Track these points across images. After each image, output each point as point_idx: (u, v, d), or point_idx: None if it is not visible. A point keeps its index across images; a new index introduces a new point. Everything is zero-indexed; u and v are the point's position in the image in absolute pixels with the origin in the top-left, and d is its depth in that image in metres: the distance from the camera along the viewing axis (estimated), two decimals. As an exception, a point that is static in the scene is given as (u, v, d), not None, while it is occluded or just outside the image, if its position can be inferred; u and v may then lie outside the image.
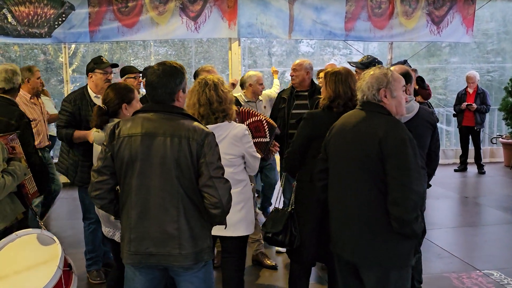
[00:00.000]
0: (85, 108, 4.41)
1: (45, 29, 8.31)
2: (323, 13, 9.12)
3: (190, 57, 13.16)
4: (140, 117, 2.72)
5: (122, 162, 2.67)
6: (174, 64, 2.75)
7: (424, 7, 9.46)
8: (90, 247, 4.65)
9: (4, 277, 2.92)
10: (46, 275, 2.86)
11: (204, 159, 2.61)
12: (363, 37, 9.47)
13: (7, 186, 3.00)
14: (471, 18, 9.65)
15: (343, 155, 2.88)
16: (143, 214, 2.65)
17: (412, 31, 9.52)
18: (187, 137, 2.60)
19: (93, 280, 4.60)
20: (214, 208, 2.63)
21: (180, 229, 2.62)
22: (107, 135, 2.74)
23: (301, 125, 3.51)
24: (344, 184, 2.87)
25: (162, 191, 2.62)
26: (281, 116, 5.21)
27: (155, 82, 2.69)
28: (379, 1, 9.30)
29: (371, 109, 2.84)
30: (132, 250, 2.68)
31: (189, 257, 2.65)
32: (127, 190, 2.69)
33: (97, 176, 2.73)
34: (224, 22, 8.79)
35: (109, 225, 3.38)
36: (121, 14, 8.48)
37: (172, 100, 2.71)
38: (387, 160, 2.66)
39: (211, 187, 2.61)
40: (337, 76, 3.43)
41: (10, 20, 8.18)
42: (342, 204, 2.88)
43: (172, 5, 8.58)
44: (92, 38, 8.52)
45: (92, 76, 4.53)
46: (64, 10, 8.31)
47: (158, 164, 2.61)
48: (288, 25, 9.03)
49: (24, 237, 3.12)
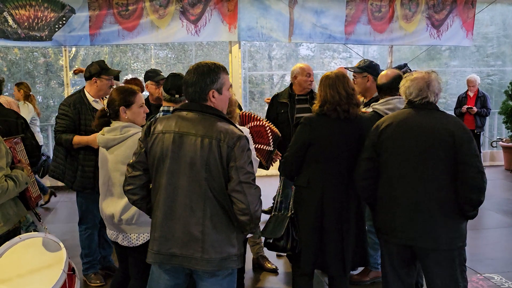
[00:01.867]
0: (84, 112, 4.36)
1: (45, 32, 8.34)
2: (323, 16, 9.16)
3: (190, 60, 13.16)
4: (176, 115, 2.71)
5: (154, 158, 2.66)
6: (209, 64, 2.72)
7: (424, 10, 9.49)
8: (86, 251, 4.64)
9: (7, 280, 2.93)
10: (51, 278, 2.87)
11: (234, 163, 2.55)
12: (363, 41, 9.52)
13: (9, 191, 3.01)
14: (471, 21, 9.68)
15: (412, 149, 3.07)
16: (169, 213, 2.62)
17: (412, 34, 9.56)
18: (218, 139, 2.56)
19: (92, 283, 4.61)
20: (242, 215, 2.57)
21: (204, 233, 2.57)
22: (143, 131, 2.75)
23: (299, 130, 3.51)
24: (414, 174, 3.06)
25: (190, 191, 2.58)
26: (283, 121, 5.17)
27: (187, 80, 2.69)
28: (379, 4, 9.34)
29: (431, 108, 3.15)
30: (155, 249, 2.66)
31: (213, 263, 2.59)
32: (156, 188, 2.68)
33: (131, 171, 2.74)
34: (225, 26, 8.82)
35: (113, 228, 3.39)
36: (122, 18, 8.51)
37: (203, 99, 2.68)
38: (460, 149, 2.99)
39: (239, 193, 2.55)
40: (325, 81, 3.46)
41: (10, 23, 8.20)
42: (412, 193, 3.06)
43: (172, 9, 8.61)
44: (92, 41, 8.55)
45: (97, 80, 4.45)
46: (65, 13, 8.33)
47: (188, 163, 2.58)
48: (288, 29, 9.07)
49: (28, 240, 3.12)
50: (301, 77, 5.19)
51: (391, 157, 3.12)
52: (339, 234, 3.39)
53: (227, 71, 2.80)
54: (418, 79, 3.16)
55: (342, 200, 3.42)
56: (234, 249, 2.66)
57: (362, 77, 4.50)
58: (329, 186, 3.39)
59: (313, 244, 3.44)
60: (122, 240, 3.35)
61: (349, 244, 3.42)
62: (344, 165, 3.41)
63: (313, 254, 3.45)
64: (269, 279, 4.83)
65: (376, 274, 4.72)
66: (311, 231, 3.44)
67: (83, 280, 4.61)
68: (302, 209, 3.53)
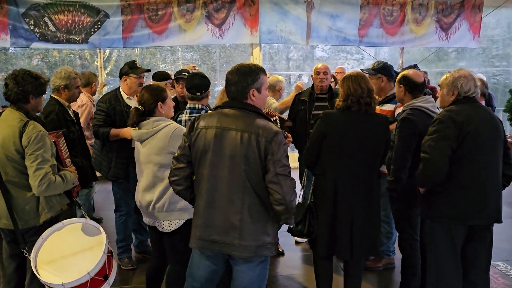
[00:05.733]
0: (119, 108, 4.43)
1: (82, 36, 8.42)
2: (338, 20, 9.12)
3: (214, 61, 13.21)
4: (218, 111, 2.74)
5: (197, 152, 2.70)
6: (250, 65, 2.76)
7: (434, 14, 9.40)
8: (121, 236, 4.72)
9: (52, 261, 2.99)
10: (92, 259, 2.92)
11: (272, 157, 2.57)
12: (375, 43, 9.47)
13: (56, 185, 3.05)
14: (478, 24, 9.56)
15: (489, 139, 3.17)
16: (210, 203, 2.66)
17: (422, 37, 9.48)
18: (256, 134, 2.58)
19: (125, 266, 4.68)
20: (278, 205, 2.59)
21: (242, 221, 2.60)
22: (188, 127, 2.79)
23: (317, 123, 3.52)
24: (493, 160, 3.20)
25: (230, 182, 2.61)
26: (301, 116, 5.19)
27: (230, 79, 2.73)
28: (391, 9, 9.27)
29: (476, 101, 3.28)
30: (197, 235, 2.72)
31: (249, 249, 2.62)
32: (199, 179, 2.72)
33: (175, 163, 2.79)
34: (247, 29, 8.84)
35: (148, 216, 3.43)
36: (152, 22, 8.57)
37: (244, 98, 2.71)
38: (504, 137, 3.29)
39: (276, 184, 2.57)
40: (348, 78, 3.46)
41: (50, 28, 8.30)
42: (494, 177, 3.22)
43: (198, 13, 8.65)
44: (125, 43, 8.63)
45: (126, 79, 4.53)
46: (100, 18, 8.41)
47: (228, 156, 2.61)
48: (305, 32, 9.04)
49: (70, 225, 3.17)
50: (314, 76, 5.27)
51: (476, 145, 3.13)
52: (349, 221, 3.38)
53: (266, 72, 2.84)
54: (469, 77, 3.24)
55: (354, 191, 3.40)
56: (269, 238, 2.69)
57: (377, 78, 4.48)
58: (342, 176, 3.38)
59: (326, 230, 3.44)
60: (158, 226, 3.39)
61: (358, 231, 3.40)
62: (358, 158, 3.39)
63: (326, 239, 3.45)
64: (290, 263, 4.85)
65: (388, 261, 4.72)
66: (325, 217, 3.44)
67: (118, 263, 4.66)
68: (318, 197, 3.54)
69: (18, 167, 3.06)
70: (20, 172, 3.07)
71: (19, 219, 3.12)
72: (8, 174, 3.08)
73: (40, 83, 3.20)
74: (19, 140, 3.03)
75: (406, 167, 3.52)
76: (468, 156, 3.12)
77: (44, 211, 3.16)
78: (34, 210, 3.14)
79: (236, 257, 2.69)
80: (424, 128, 3.49)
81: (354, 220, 3.38)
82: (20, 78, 3.12)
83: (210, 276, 2.86)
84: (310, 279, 4.48)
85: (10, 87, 3.13)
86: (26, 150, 3.02)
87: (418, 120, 3.54)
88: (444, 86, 3.32)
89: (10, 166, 3.07)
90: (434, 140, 3.11)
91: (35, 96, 3.19)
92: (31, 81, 3.15)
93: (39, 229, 3.13)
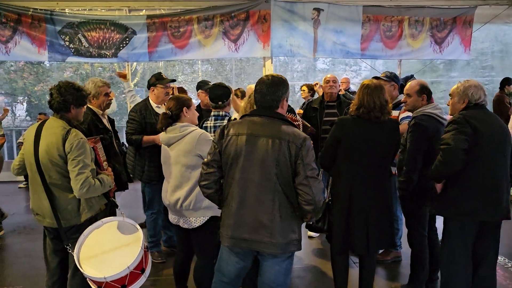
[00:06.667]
0: (149, 116, 4.38)
1: (112, 51, 8.40)
2: (342, 35, 9.04)
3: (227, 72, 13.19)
4: (247, 119, 2.66)
5: (228, 157, 2.62)
6: (280, 76, 2.69)
7: (428, 30, 9.31)
8: (152, 232, 4.65)
9: (94, 256, 2.93)
10: (131, 254, 2.86)
11: (302, 161, 2.51)
12: (376, 56, 9.37)
13: (95, 188, 2.98)
14: (469, 39, 9.46)
15: (499, 141, 3.10)
16: (242, 204, 2.58)
17: (418, 50, 9.38)
18: (287, 140, 2.52)
19: (155, 259, 4.60)
20: (308, 205, 2.52)
21: (273, 220, 2.53)
22: (218, 134, 2.70)
23: (332, 129, 3.43)
24: (504, 160, 3.12)
25: (260, 185, 2.54)
26: (313, 123, 5.08)
27: (265, 90, 2.64)
28: (389, 25, 9.18)
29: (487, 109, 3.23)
30: (229, 234, 2.62)
31: (279, 246, 2.55)
32: (230, 182, 2.63)
33: (206, 168, 2.69)
34: (260, 44, 8.78)
35: (175, 213, 3.37)
36: (174, 38, 8.52)
37: (276, 107, 2.65)
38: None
39: (306, 186, 2.50)
40: (365, 89, 3.34)
41: (84, 43, 8.29)
42: (505, 176, 3.13)
43: (216, 30, 8.60)
44: (150, 57, 8.60)
45: (154, 89, 4.49)
46: (128, 34, 8.38)
47: (259, 161, 2.54)
48: (312, 46, 8.97)
49: (109, 223, 3.11)
50: (324, 84, 5.25)
51: (488, 147, 3.04)
52: (365, 219, 3.28)
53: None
54: (478, 86, 3.18)
55: (369, 191, 3.30)
56: (295, 235, 2.62)
57: (391, 85, 4.39)
58: (357, 176, 3.28)
59: (342, 227, 3.35)
60: (183, 223, 3.34)
61: (373, 227, 3.30)
62: (371, 160, 3.29)
63: (342, 235, 3.36)
64: (304, 256, 4.75)
65: (395, 254, 4.62)
66: (341, 215, 3.34)
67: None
68: (335, 197, 3.45)
69: (61, 171, 2.99)
70: (62, 175, 3.00)
71: (62, 218, 3.05)
72: (52, 177, 3.01)
73: (81, 95, 3.12)
74: (62, 146, 2.96)
75: (417, 168, 3.43)
76: (482, 157, 3.02)
77: (85, 211, 3.09)
78: (76, 210, 3.07)
79: (265, 253, 2.61)
80: (434, 133, 3.41)
81: (370, 216, 3.28)
82: (63, 89, 3.06)
83: (238, 272, 2.78)
84: (324, 271, 4.40)
85: (54, 96, 3.06)
86: (69, 155, 2.95)
87: (428, 125, 3.47)
88: (455, 95, 3.22)
89: (54, 170, 3.00)
90: (454, 134, 3.01)
91: (76, 106, 3.12)
92: (73, 93, 3.08)
93: (80, 227, 3.07)
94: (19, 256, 4.99)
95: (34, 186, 3.10)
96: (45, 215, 3.08)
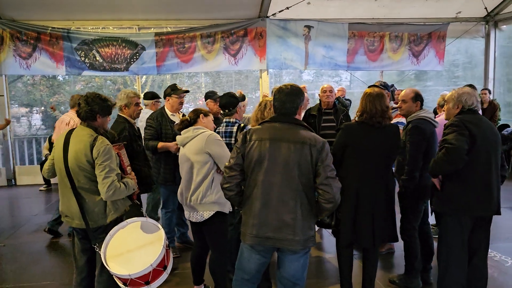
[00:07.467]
0: (164, 124, 4.29)
1: (123, 65, 8.31)
2: (330, 50, 9.05)
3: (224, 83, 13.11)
4: (267, 125, 2.59)
5: (251, 160, 2.53)
6: (297, 86, 2.63)
7: (407, 44, 9.35)
8: (166, 230, 4.53)
9: (119, 255, 2.83)
10: (154, 252, 2.77)
11: (322, 163, 2.45)
12: (360, 68, 9.36)
13: (120, 191, 2.89)
14: (442, 52, 9.52)
15: (492, 143, 3.05)
16: (265, 204, 2.49)
17: (398, 62, 9.42)
18: (308, 144, 2.46)
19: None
20: (328, 203, 2.46)
21: (295, 219, 2.46)
22: (240, 139, 2.62)
23: (339, 134, 3.37)
24: (495, 160, 3.06)
25: (282, 186, 2.46)
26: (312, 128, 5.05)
27: (284, 98, 2.57)
28: (372, 40, 9.21)
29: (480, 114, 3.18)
30: (253, 233, 2.53)
31: (300, 243, 2.48)
32: (252, 185, 2.54)
33: (228, 171, 2.59)
34: (256, 58, 8.74)
35: (188, 208, 3.31)
36: (180, 53, 8.46)
37: (294, 113, 2.59)
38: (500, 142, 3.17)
39: (327, 185, 2.44)
40: (368, 96, 3.29)
41: (98, 59, 8.20)
42: (497, 174, 3.07)
43: (217, 46, 8.56)
44: (158, 71, 8.52)
45: (169, 99, 4.40)
46: (138, 50, 8.30)
47: (282, 164, 2.46)
48: (304, 59, 8.96)
49: (133, 223, 3.02)
50: (321, 94, 5.18)
51: (481, 148, 3.00)
52: (371, 215, 3.22)
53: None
54: (471, 93, 3.13)
55: (374, 190, 3.24)
56: (312, 232, 2.56)
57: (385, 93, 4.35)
58: (364, 178, 3.22)
59: (349, 222, 3.29)
60: (194, 217, 3.27)
61: (379, 222, 3.24)
62: (375, 161, 3.23)
63: (349, 230, 3.30)
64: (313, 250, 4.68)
65: (389, 247, 4.58)
66: (349, 212, 3.29)
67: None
68: (342, 195, 3.37)
69: (88, 175, 2.90)
70: (90, 179, 2.91)
71: (89, 220, 2.95)
72: (80, 181, 2.92)
73: (106, 105, 3.03)
74: (90, 152, 2.87)
75: (419, 167, 3.40)
76: (477, 157, 2.98)
77: (111, 212, 2.99)
78: (102, 212, 2.97)
79: (286, 249, 2.53)
80: (430, 134, 3.38)
81: (375, 213, 3.22)
82: (90, 99, 2.97)
83: (259, 268, 2.68)
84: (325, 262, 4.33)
85: (82, 106, 2.97)
86: (96, 161, 2.86)
87: (425, 127, 3.46)
88: (450, 101, 3.19)
89: (82, 175, 2.90)
90: (456, 135, 2.96)
91: (102, 115, 3.03)
92: (99, 103, 2.99)
93: (106, 228, 2.97)
94: (43, 254, 4.86)
95: (63, 190, 3.00)
96: (74, 217, 2.98)
